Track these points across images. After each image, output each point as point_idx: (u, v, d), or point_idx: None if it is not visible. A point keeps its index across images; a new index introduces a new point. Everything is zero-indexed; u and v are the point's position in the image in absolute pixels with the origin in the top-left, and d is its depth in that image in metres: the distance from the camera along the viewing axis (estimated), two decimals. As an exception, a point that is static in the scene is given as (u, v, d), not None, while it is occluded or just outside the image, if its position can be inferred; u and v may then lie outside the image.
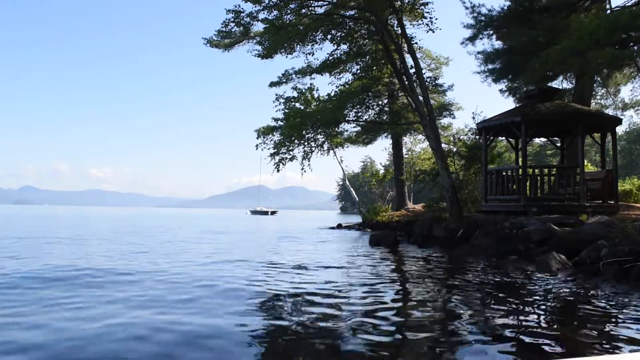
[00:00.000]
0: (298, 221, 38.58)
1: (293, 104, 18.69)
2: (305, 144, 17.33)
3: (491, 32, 16.38)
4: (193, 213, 79.40)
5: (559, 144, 16.13)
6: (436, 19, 15.78)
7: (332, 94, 17.38)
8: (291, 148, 17.56)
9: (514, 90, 19.24)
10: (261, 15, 15.15)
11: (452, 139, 20.14)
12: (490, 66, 17.34)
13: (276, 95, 18.96)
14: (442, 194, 15.22)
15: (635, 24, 10.20)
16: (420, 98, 14.46)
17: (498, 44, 16.78)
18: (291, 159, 17.81)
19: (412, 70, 14.81)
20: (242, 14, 15.41)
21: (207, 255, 9.93)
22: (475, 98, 25.94)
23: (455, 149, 18.15)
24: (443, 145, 15.64)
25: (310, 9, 15.57)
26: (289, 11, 15.07)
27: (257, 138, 19.14)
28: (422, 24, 16.19)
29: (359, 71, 18.59)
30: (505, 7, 15.62)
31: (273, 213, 70.54)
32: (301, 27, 15.31)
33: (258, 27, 16.69)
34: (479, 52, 17.25)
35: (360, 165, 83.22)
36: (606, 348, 3.66)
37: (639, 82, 20.16)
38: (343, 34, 16.52)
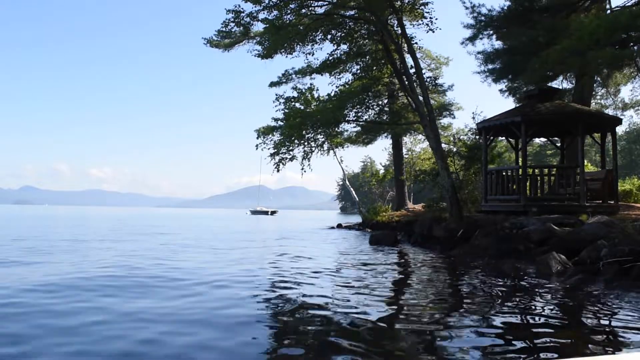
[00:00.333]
0: (298, 221, 38.59)
1: (293, 104, 18.69)
2: (305, 144, 17.33)
3: (491, 32, 16.37)
4: (193, 213, 79.41)
5: (559, 144, 16.12)
6: (436, 19, 15.80)
7: (332, 94, 17.39)
8: (291, 148, 17.56)
9: (514, 90, 19.23)
10: (261, 15, 15.16)
11: (452, 139, 20.14)
12: (490, 66, 17.33)
13: (276, 95, 18.99)
14: (442, 194, 15.21)
15: (635, 24, 10.20)
16: (420, 98, 14.46)
17: (498, 44, 16.79)
18: (291, 159, 17.82)
19: (412, 70, 14.81)
20: (242, 14, 15.41)
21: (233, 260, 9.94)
22: (475, 98, 25.94)
23: (455, 149, 18.15)
24: (443, 145, 15.63)
25: (310, 9, 15.56)
26: (289, 11, 15.07)
27: (257, 138, 19.19)
28: (422, 24, 16.20)
29: (359, 71, 18.58)
30: (505, 7, 15.62)
31: (273, 213, 70.56)
32: (301, 27, 15.30)
33: (258, 27, 16.71)
34: (479, 52, 17.26)
35: (360, 165, 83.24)
36: (606, 348, 3.66)
37: (639, 82, 20.17)
38: (343, 34, 16.52)
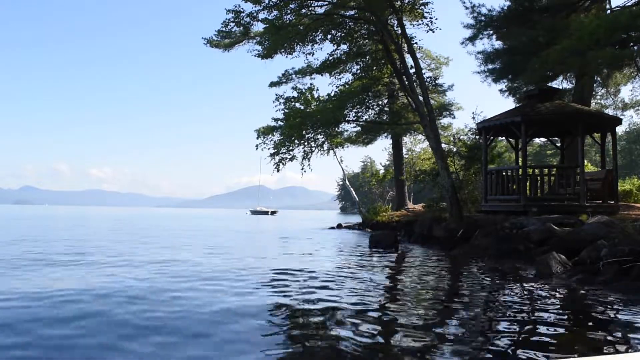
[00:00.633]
0: (298, 221, 38.59)
1: (293, 104, 18.69)
2: (305, 144, 17.34)
3: (491, 32, 16.37)
4: (193, 213, 79.42)
5: (559, 144, 16.13)
6: (436, 19, 15.82)
7: (332, 94, 17.41)
8: (291, 148, 17.57)
9: (514, 90, 19.23)
10: (261, 15, 15.17)
11: (452, 139, 20.14)
12: (490, 66, 17.33)
13: (276, 95, 18.99)
14: (442, 194, 15.22)
15: (635, 24, 10.20)
16: (420, 98, 14.46)
17: (498, 44, 16.79)
18: (291, 159, 17.82)
19: (412, 70, 14.81)
20: (242, 14, 15.42)
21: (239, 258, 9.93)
22: (475, 98, 25.95)
23: (455, 149, 18.15)
24: (443, 145, 15.64)
25: (310, 9, 15.57)
26: (289, 11, 15.08)
27: (257, 138, 19.18)
28: (422, 24, 16.22)
29: (359, 71, 18.59)
30: (505, 7, 15.62)
31: (273, 213, 70.58)
32: (301, 27, 15.31)
33: (258, 27, 16.71)
34: (479, 52, 17.26)
35: (360, 165, 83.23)
36: (606, 348, 3.66)
37: (639, 82, 20.17)
38: (343, 34, 16.52)
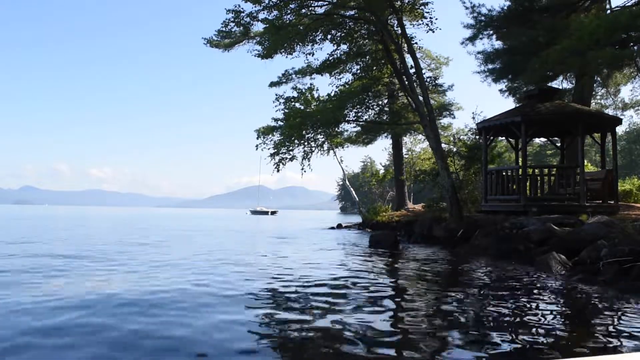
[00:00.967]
0: (298, 221, 38.59)
1: (293, 104, 18.70)
2: (305, 144, 17.35)
3: (491, 32, 16.38)
4: (193, 213, 79.43)
5: (559, 144, 16.13)
6: (436, 19, 15.82)
7: (332, 94, 17.42)
8: (291, 148, 17.58)
9: (514, 90, 19.24)
10: (261, 15, 15.18)
11: (452, 139, 20.14)
12: (490, 66, 17.34)
13: (276, 95, 19.00)
14: (442, 194, 15.22)
15: (635, 24, 10.20)
16: (420, 98, 14.46)
17: (498, 44, 16.80)
18: (291, 159, 17.83)
19: (412, 70, 14.82)
20: (242, 14, 15.43)
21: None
22: (475, 98, 25.95)
23: (455, 149, 18.15)
24: (443, 145, 15.64)
25: (310, 9, 15.57)
26: (289, 11, 15.08)
27: (257, 138, 19.18)
28: (422, 24, 16.23)
29: (359, 71, 18.59)
30: (505, 7, 15.63)
31: (273, 213, 70.61)
32: (301, 27, 15.31)
33: (258, 27, 16.72)
34: (479, 52, 17.27)
35: (360, 165, 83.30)
36: (606, 348, 3.66)
37: (639, 82, 20.17)
38: (343, 34, 16.53)
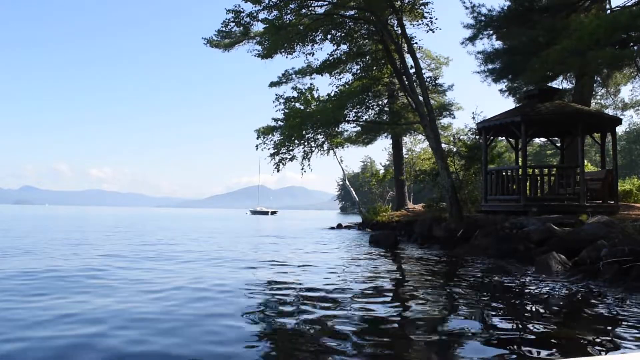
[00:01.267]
0: (298, 221, 38.58)
1: (293, 104, 18.68)
2: (305, 144, 17.34)
3: (491, 32, 16.37)
4: (193, 213, 79.41)
5: (559, 144, 16.12)
6: (436, 19, 15.84)
7: (332, 94, 17.40)
8: (291, 148, 17.57)
9: (514, 90, 19.24)
10: (261, 15, 15.18)
11: (452, 139, 20.15)
12: (490, 66, 17.33)
13: (276, 95, 18.98)
14: (442, 194, 15.22)
15: (635, 24, 10.20)
16: (420, 98, 14.47)
17: (498, 44, 16.79)
18: (291, 159, 17.82)
19: (412, 70, 14.82)
20: (242, 14, 15.42)
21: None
22: (475, 98, 25.96)
23: (455, 149, 18.15)
24: (443, 145, 15.65)
25: (310, 9, 15.58)
26: (289, 11, 15.08)
27: (257, 138, 19.14)
28: (422, 24, 16.25)
29: (359, 71, 18.60)
30: (505, 7, 15.62)
31: (273, 213, 70.60)
32: (301, 27, 15.32)
33: (258, 27, 16.72)
34: (479, 52, 17.26)
35: (360, 165, 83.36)
36: (606, 348, 3.66)
37: (639, 82, 20.17)
38: (343, 34, 16.54)
